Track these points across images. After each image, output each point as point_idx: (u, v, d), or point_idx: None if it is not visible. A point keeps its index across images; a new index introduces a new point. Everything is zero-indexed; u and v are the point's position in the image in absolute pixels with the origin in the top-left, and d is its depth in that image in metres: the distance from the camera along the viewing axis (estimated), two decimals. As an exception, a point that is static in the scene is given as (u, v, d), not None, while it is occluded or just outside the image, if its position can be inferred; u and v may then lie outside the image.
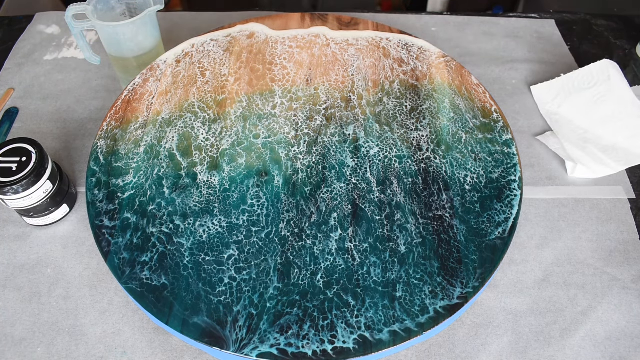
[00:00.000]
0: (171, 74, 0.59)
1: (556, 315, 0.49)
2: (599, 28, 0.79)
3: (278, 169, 0.51)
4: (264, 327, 0.41)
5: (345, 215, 0.47)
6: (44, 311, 0.49)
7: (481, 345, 0.47)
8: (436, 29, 0.78)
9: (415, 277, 0.44)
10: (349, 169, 0.51)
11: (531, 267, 0.52)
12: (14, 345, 0.47)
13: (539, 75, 0.71)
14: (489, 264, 0.44)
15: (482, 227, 0.46)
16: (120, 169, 0.50)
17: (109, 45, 0.61)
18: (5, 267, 0.52)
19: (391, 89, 0.57)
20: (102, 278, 0.51)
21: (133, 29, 0.59)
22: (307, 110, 0.56)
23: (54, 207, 0.53)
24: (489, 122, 0.54)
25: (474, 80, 0.58)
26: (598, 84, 0.63)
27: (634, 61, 0.73)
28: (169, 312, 0.42)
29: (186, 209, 0.48)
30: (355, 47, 0.62)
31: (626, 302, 0.50)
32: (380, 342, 0.40)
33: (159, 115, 0.55)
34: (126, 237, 0.46)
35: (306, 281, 0.43)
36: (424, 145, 0.52)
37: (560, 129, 0.62)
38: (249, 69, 0.60)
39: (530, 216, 0.56)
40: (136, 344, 0.47)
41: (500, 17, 0.80)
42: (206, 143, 0.53)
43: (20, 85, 0.70)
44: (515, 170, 0.50)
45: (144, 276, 0.44)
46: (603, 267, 0.52)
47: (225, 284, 0.43)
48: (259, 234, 0.46)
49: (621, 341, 0.47)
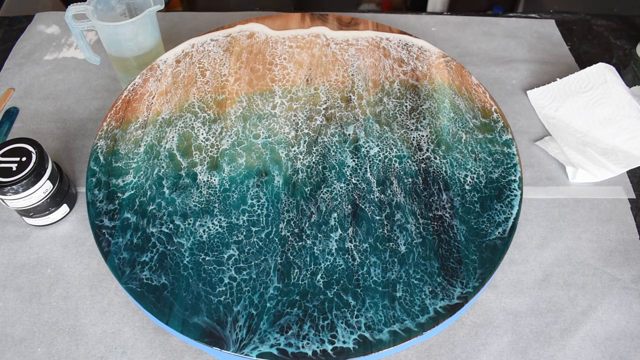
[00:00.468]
0: (171, 74, 0.59)
1: (556, 315, 0.49)
2: (599, 28, 0.79)
3: (278, 169, 0.51)
4: (264, 327, 0.41)
5: (345, 215, 0.47)
6: (44, 311, 0.49)
7: (481, 345, 0.47)
8: (436, 29, 0.78)
9: (415, 277, 0.44)
10: (349, 169, 0.51)
11: (531, 267, 0.52)
12: (14, 345, 0.47)
13: (539, 75, 0.71)
14: (489, 264, 0.44)
15: (482, 227, 0.46)
16: (120, 169, 0.50)
17: (109, 45, 0.61)
18: (5, 267, 0.52)
19: (391, 89, 0.57)
20: (102, 278, 0.51)
21: (133, 29, 0.59)
22: (307, 110, 0.56)
23: (54, 207, 0.53)
24: (489, 122, 0.54)
25: (474, 80, 0.58)
26: (595, 87, 0.62)
27: (634, 61, 0.73)
28: (169, 312, 0.42)
29: (186, 209, 0.48)
30: (355, 47, 0.62)
31: (626, 302, 0.50)
32: (380, 342, 0.40)
33: (159, 115, 0.55)
34: (126, 237, 0.46)
35: (306, 281, 0.43)
36: (424, 145, 0.52)
37: (559, 133, 0.62)
38: (249, 69, 0.60)
39: (530, 216, 0.56)
40: (136, 344, 0.47)
41: (500, 17, 0.80)
42: (206, 143, 0.53)
43: (20, 85, 0.70)
44: (515, 170, 0.50)
45: (144, 276, 0.44)
46: (603, 267, 0.52)
47: (225, 284, 0.43)
48: (259, 234, 0.46)
49: (621, 341, 0.47)
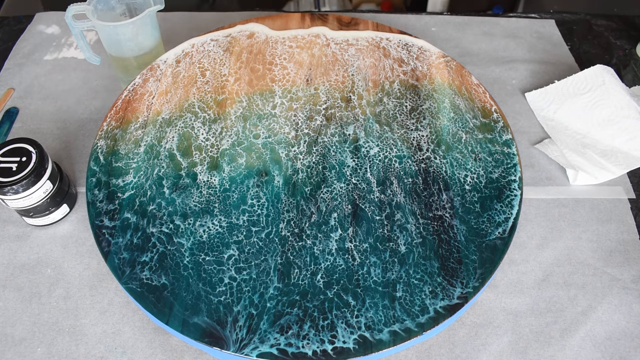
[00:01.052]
0: (171, 74, 0.59)
1: (556, 315, 0.49)
2: (599, 28, 0.79)
3: (278, 169, 0.51)
4: (264, 327, 0.41)
5: (345, 215, 0.47)
6: (44, 311, 0.49)
7: (481, 345, 0.47)
8: (436, 29, 0.78)
9: (415, 277, 0.44)
10: (349, 169, 0.51)
11: (531, 267, 0.52)
12: (14, 345, 0.47)
13: (539, 75, 0.71)
14: (489, 264, 0.44)
15: (482, 227, 0.46)
16: (120, 169, 0.50)
17: (109, 45, 0.61)
18: (6, 267, 0.52)
19: (391, 89, 0.57)
20: (102, 278, 0.51)
21: (133, 29, 0.59)
22: (307, 110, 0.56)
23: (54, 207, 0.53)
24: (489, 122, 0.54)
25: (474, 80, 0.58)
26: (593, 89, 0.62)
27: (634, 61, 0.73)
28: (169, 312, 0.42)
29: (186, 209, 0.48)
30: (355, 47, 0.62)
31: (626, 302, 0.50)
32: (380, 342, 0.40)
33: (159, 115, 0.55)
34: (126, 237, 0.46)
35: (306, 281, 0.43)
36: (424, 145, 0.52)
37: (558, 135, 0.62)
38: (249, 69, 0.60)
39: (530, 216, 0.56)
40: (136, 344, 0.47)
41: (500, 17, 0.80)
42: (206, 143, 0.53)
43: (20, 85, 0.70)
44: (515, 170, 0.50)
45: (144, 276, 0.44)
46: (603, 267, 0.52)
47: (226, 284, 0.43)
48: (259, 234, 0.46)
49: (621, 341, 0.47)
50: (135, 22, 0.58)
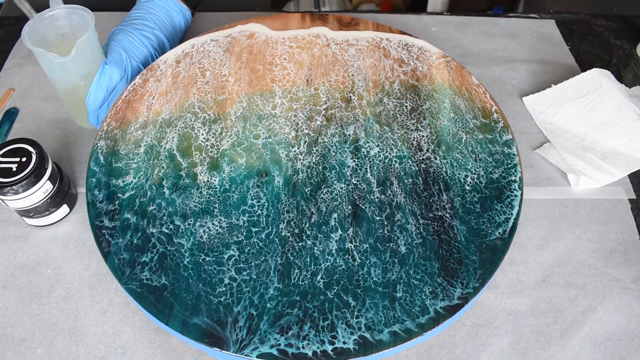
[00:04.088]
0: (171, 74, 0.59)
1: (556, 315, 0.49)
2: (599, 28, 0.78)
3: (278, 169, 0.51)
4: (264, 327, 0.41)
5: (345, 215, 0.47)
6: (44, 311, 0.49)
7: (481, 346, 0.47)
8: (436, 29, 0.78)
9: (415, 278, 0.44)
10: (349, 170, 0.51)
11: (531, 268, 0.52)
12: (14, 345, 0.47)
13: (539, 75, 0.71)
14: (489, 265, 0.44)
15: (482, 227, 0.46)
16: (120, 170, 0.50)
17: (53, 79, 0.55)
18: (5, 268, 0.52)
19: (391, 89, 0.57)
20: (102, 278, 0.51)
21: (72, 63, 0.54)
22: (307, 110, 0.56)
23: (54, 207, 0.53)
24: (489, 122, 0.54)
25: (474, 80, 0.58)
26: (590, 92, 0.62)
27: (634, 61, 0.73)
28: (169, 313, 0.42)
29: (186, 210, 0.48)
30: (355, 48, 0.62)
31: (626, 303, 0.50)
32: (380, 343, 0.40)
33: (159, 115, 0.55)
34: (126, 238, 0.46)
35: (306, 282, 0.43)
36: (424, 146, 0.52)
37: (557, 139, 0.61)
38: (249, 69, 0.59)
39: (530, 216, 0.56)
40: (136, 344, 0.47)
41: (500, 17, 0.80)
42: (206, 143, 0.53)
43: (20, 85, 0.70)
44: (516, 171, 0.50)
45: (144, 277, 0.44)
46: (603, 268, 0.52)
47: (226, 284, 0.43)
48: (259, 235, 0.46)
49: (621, 341, 0.47)
50: (73, 57, 0.52)
